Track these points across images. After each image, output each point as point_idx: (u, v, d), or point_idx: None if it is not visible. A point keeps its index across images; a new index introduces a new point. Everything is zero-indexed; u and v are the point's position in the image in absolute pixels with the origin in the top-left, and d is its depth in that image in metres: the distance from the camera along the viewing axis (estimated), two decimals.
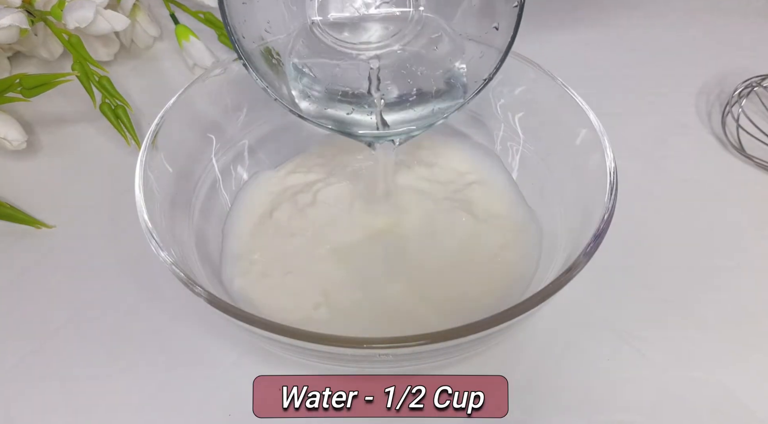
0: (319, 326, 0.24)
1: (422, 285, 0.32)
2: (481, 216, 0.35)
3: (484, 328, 0.24)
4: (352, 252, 0.33)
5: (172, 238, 0.29)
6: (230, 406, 0.30)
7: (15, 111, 0.42)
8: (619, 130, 0.33)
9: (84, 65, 0.41)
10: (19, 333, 0.33)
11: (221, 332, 0.33)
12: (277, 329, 0.24)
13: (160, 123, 0.32)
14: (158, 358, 0.32)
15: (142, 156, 0.30)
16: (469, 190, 0.36)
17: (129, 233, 0.36)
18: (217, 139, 0.37)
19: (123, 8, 0.47)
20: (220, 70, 0.35)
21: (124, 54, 0.50)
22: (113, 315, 0.34)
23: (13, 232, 0.37)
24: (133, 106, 0.42)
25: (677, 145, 0.43)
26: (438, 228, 0.34)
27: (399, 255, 0.34)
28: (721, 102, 0.45)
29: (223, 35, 0.48)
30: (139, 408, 0.30)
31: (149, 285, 0.35)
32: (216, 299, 0.25)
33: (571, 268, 0.26)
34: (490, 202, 0.36)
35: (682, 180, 0.40)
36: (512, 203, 0.36)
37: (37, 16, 0.44)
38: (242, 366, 0.32)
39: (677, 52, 0.50)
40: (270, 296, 0.32)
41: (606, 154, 0.30)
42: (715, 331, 0.33)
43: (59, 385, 0.31)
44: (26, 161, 0.42)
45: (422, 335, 0.23)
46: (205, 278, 0.30)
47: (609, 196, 0.28)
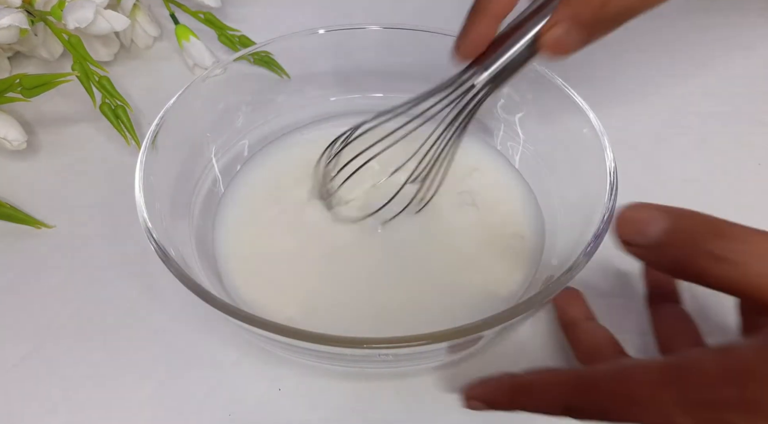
0: (318, 325, 0.24)
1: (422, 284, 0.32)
2: (483, 206, 0.35)
3: (484, 328, 0.24)
4: (348, 251, 0.33)
5: (172, 238, 0.29)
6: (230, 406, 0.30)
7: (15, 111, 0.42)
8: (619, 130, 0.33)
9: (84, 65, 0.41)
10: (19, 333, 0.33)
11: (221, 332, 0.33)
12: (277, 329, 0.24)
13: (160, 123, 0.32)
14: (158, 358, 0.32)
15: (142, 156, 0.30)
16: (470, 179, 0.36)
17: (129, 233, 0.36)
18: (217, 139, 0.37)
19: (123, 8, 0.47)
20: (220, 70, 0.35)
21: (124, 54, 0.50)
22: (113, 315, 0.34)
23: (13, 232, 0.37)
24: (133, 106, 0.42)
25: (677, 145, 0.43)
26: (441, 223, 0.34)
27: (399, 251, 0.34)
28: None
29: (223, 35, 0.48)
30: (139, 408, 0.30)
31: (149, 285, 0.35)
32: (216, 299, 0.25)
33: (571, 268, 0.26)
34: (492, 189, 0.36)
35: (682, 180, 0.40)
36: (512, 187, 0.36)
37: (37, 16, 0.44)
38: (242, 366, 0.32)
39: (677, 52, 0.50)
40: (268, 295, 0.32)
41: (606, 154, 0.30)
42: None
43: (59, 385, 0.31)
44: (26, 161, 0.42)
45: (422, 335, 0.23)
46: (205, 278, 0.30)
47: (609, 197, 0.28)
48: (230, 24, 0.49)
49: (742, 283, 0.19)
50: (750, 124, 0.44)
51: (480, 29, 0.28)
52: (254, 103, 0.39)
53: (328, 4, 0.54)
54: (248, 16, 0.53)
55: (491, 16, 0.28)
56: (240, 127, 0.38)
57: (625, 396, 0.21)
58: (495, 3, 0.27)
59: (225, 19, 0.50)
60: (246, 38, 0.48)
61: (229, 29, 0.48)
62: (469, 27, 0.28)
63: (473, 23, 0.28)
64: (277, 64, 0.39)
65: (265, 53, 0.38)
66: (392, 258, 0.33)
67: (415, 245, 0.34)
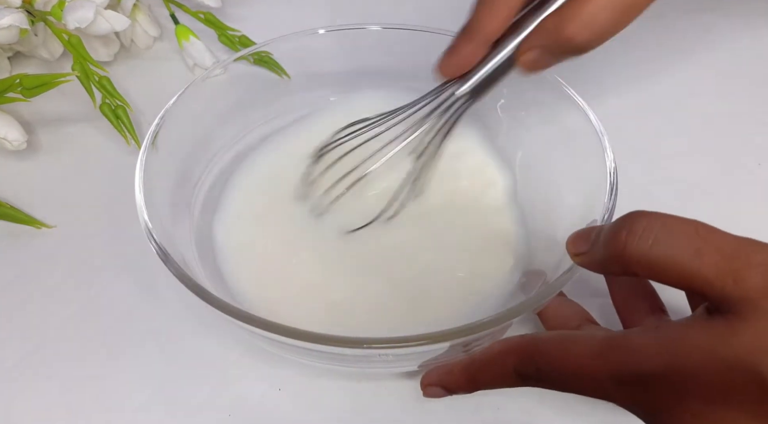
0: (319, 325, 0.24)
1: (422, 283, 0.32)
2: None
3: (483, 329, 0.24)
4: (348, 251, 0.33)
5: (172, 238, 0.29)
6: (230, 406, 0.30)
7: (15, 111, 0.42)
8: (619, 130, 0.33)
9: (84, 65, 0.41)
10: (19, 333, 0.33)
11: (221, 332, 0.33)
12: (277, 329, 0.24)
13: (160, 123, 0.32)
14: (158, 358, 0.32)
15: (142, 156, 0.30)
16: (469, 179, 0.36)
17: (129, 233, 0.36)
18: (217, 139, 0.37)
19: (123, 8, 0.47)
20: (220, 70, 0.35)
21: (124, 54, 0.50)
22: (113, 315, 0.34)
23: (13, 232, 0.37)
24: (133, 106, 0.42)
25: (677, 145, 0.43)
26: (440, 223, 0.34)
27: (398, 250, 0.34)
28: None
29: (223, 35, 0.48)
30: (139, 408, 0.30)
31: (149, 285, 0.35)
32: (216, 299, 0.25)
33: (571, 268, 0.26)
34: (491, 188, 0.36)
35: (682, 180, 0.40)
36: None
37: (37, 16, 0.44)
38: (242, 366, 0.32)
39: (677, 52, 0.50)
40: (268, 295, 0.32)
41: (606, 154, 0.30)
42: None
43: (59, 385, 0.31)
44: (26, 161, 0.42)
45: (422, 335, 0.23)
46: (205, 278, 0.30)
47: (609, 197, 0.28)
48: (230, 24, 0.49)
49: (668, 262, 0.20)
50: (750, 124, 0.44)
51: (468, 51, 0.29)
52: (254, 103, 0.39)
53: (327, 4, 0.54)
54: (248, 16, 0.53)
55: (482, 39, 0.28)
56: (240, 127, 0.38)
57: (564, 365, 0.22)
58: (487, 26, 0.28)
59: (225, 19, 0.50)
60: (246, 38, 0.48)
61: (229, 29, 0.48)
62: (457, 47, 0.29)
63: (462, 44, 0.29)
64: (277, 64, 0.39)
65: (265, 53, 0.38)
66: (392, 258, 0.33)
67: (414, 245, 0.34)
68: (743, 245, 0.20)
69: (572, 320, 0.29)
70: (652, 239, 0.20)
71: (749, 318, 0.19)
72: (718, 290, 0.19)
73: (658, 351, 0.20)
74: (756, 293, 0.19)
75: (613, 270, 0.22)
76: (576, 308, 0.30)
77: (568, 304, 0.30)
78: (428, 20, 0.39)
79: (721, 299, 0.19)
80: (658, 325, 0.21)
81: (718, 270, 0.19)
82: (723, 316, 0.19)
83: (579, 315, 0.29)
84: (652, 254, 0.20)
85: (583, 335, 0.23)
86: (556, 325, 0.29)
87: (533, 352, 0.23)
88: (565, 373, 0.22)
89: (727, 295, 0.19)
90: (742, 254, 0.19)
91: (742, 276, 0.19)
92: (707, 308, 0.20)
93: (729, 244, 0.20)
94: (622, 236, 0.21)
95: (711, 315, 0.20)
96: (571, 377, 0.22)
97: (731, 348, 0.19)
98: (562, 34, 0.26)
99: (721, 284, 0.19)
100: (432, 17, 0.48)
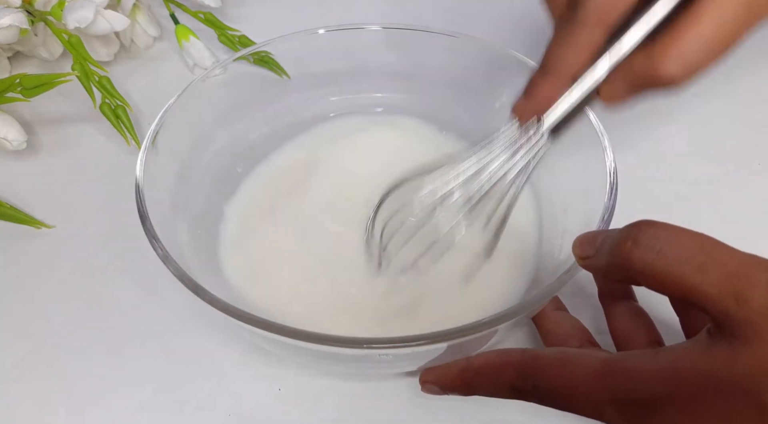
0: (319, 326, 0.24)
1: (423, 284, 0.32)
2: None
3: (483, 329, 0.24)
4: (349, 252, 0.33)
5: (172, 238, 0.29)
6: (230, 406, 0.30)
7: (15, 111, 0.42)
8: (619, 130, 0.33)
9: (84, 65, 0.41)
10: (19, 333, 0.33)
11: (221, 332, 0.33)
12: (277, 329, 0.24)
13: (160, 123, 0.32)
14: (158, 358, 0.32)
15: (142, 156, 0.30)
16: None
17: (129, 233, 0.36)
18: (217, 139, 0.37)
19: (123, 8, 0.47)
20: (220, 70, 0.35)
21: (124, 54, 0.50)
22: (113, 315, 0.34)
23: (13, 232, 0.37)
24: (133, 106, 0.42)
25: (677, 145, 0.43)
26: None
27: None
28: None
29: (223, 35, 0.48)
30: (139, 408, 0.30)
31: (149, 285, 0.35)
32: (216, 299, 0.25)
33: (571, 268, 0.26)
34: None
35: (682, 180, 0.40)
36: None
37: (37, 16, 0.44)
38: (242, 366, 0.32)
39: None
40: (269, 295, 0.32)
41: (606, 154, 0.30)
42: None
43: (59, 385, 0.31)
44: (26, 161, 0.42)
45: (422, 335, 0.23)
46: (205, 278, 0.30)
47: (609, 197, 0.28)
48: (230, 24, 0.49)
49: (666, 273, 0.20)
50: (750, 124, 0.44)
51: (546, 91, 0.26)
52: (254, 103, 0.39)
53: (328, 4, 0.54)
54: (248, 16, 0.53)
55: (562, 77, 0.26)
56: (240, 127, 0.38)
57: (563, 385, 0.22)
58: (567, 62, 0.25)
59: (225, 19, 0.50)
60: (246, 38, 0.48)
61: (229, 29, 0.48)
62: (535, 87, 0.27)
63: (541, 84, 0.26)
64: (277, 64, 0.39)
65: (265, 53, 0.38)
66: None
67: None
68: (748, 263, 0.19)
69: (573, 338, 0.28)
70: (657, 251, 0.20)
71: (751, 342, 0.19)
72: (721, 308, 0.19)
73: (659, 375, 0.20)
74: (759, 316, 0.18)
75: (616, 277, 0.22)
76: (577, 325, 0.29)
77: (570, 321, 0.29)
78: (428, 20, 0.39)
79: (723, 318, 0.19)
80: (659, 349, 0.21)
81: (721, 288, 0.19)
82: (725, 340, 0.19)
83: (580, 334, 0.28)
84: (655, 265, 0.20)
85: (583, 355, 0.23)
86: (556, 342, 0.29)
87: (532, 368, 0.23)
88: (563, 393, 0.22)
89: (730, 315, 0.19)
90: (745, 273, 0.19)
91: (745, 296, 0.19)
92: (709, 330, 0.20)
93: (733, 261, 0.19)
94: (627, 245, 0.21)
95: (712, 338, 0.20)
96: (569, 398, 0.22)
97: (732, 373, 0.19)
98: (654, 70, 0.24)
99: (724, 303, 0.19)
100: (432, 17, 0.48)
